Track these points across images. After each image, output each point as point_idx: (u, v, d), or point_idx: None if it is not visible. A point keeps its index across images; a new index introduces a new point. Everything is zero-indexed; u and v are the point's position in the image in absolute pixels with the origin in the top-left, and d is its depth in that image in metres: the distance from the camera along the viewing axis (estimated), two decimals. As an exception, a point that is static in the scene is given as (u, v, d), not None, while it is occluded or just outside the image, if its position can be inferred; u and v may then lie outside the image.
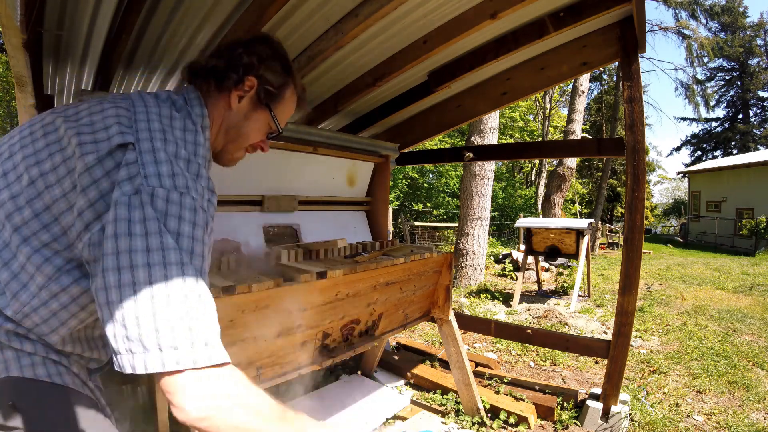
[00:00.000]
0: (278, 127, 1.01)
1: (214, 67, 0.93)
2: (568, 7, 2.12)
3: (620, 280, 2.30)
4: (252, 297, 1.38)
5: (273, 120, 0.99)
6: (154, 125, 0.77)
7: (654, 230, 31.78)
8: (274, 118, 0.99)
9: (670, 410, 2.69)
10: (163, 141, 0.75)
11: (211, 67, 0.93)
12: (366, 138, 2.79)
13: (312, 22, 1.95)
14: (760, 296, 6.49)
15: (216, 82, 0.93)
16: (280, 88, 0.98)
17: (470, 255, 6.74)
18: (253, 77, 0.93)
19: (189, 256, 0.69)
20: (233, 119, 0.96)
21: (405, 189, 14.36)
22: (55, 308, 0.77)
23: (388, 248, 2.20)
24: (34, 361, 0.78)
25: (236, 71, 0.92)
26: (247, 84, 0.93)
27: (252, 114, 0.97)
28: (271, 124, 1.00)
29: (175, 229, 0.68)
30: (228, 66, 0.92)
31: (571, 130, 10.43)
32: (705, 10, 21.32)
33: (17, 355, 0.76)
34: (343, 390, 2.72)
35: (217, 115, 0.94)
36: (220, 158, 1.01)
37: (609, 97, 22.63)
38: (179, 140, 0.78)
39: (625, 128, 2.24)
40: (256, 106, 0.97)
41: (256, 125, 0.99)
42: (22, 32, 1.15)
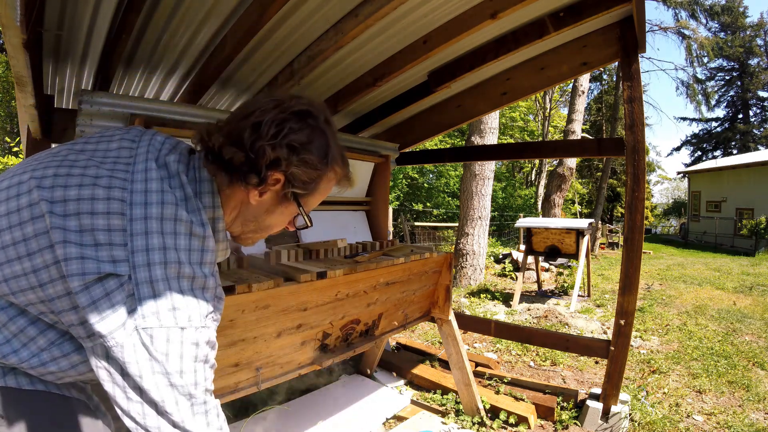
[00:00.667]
0: (308, 221, 0.85)
1: (230, 160, 0.75)
2: (568, 7, 2.12)
3: (620, 280, 2.30)
4: (252, 297, 1.38)
5: (303, 214, 0.84)
6: (153, 241, 0.68)
7: (654, 230, 31.77)
8: (304, 213, 0.84)
9: (670, 410, 2.69)
10: (162, 265, 0.68)
11: (227, 159, 0.75)
12: (366, 138, 2.79)
13: (312, 22, 1.95)
14: (760, 296, 6.49)
15: (230, 178, 0.77)
16: (314, 183, 0.81)
17: (470, 255, 6.74)
18: (281, 174, 0.76)
19: (194, 389, 0.67)
20: (252, 213, 0.83)
21: (405, 189, 14.35)
22: (53, 370, 0.75)
23: (388, 248, 2.20)
24: (16, 372, 0.76)
25: (257, 171, 0.75)
26: (271, 180, 0.77)
27: (276, 208, 0.83)
28: (302, 217, 0.85)
29: (178, 369, 0.66)
30: (247, 161, 0.74)
31: (571, 130, 10.43)
32: (705, 10, 21.33)
33: (1, 369, 0.74)
34: (343, 390, 2.72)
35: (233, 206, 0.82)
36: (238, 240, 0.92)
37: (609, 97, 22.63)
38: (182, 252, 0.70)
39: (625, 128, 2.24)
40: (282, 201, 0.82)
41: (280, 218, 0.85)
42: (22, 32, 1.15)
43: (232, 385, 1.48)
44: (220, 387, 1.44)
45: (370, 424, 2.35)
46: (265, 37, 2.02)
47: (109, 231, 0.68)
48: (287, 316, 1.55)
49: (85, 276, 0.65)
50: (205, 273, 0.73)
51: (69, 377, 0.79)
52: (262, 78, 2.43)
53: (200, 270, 0.72)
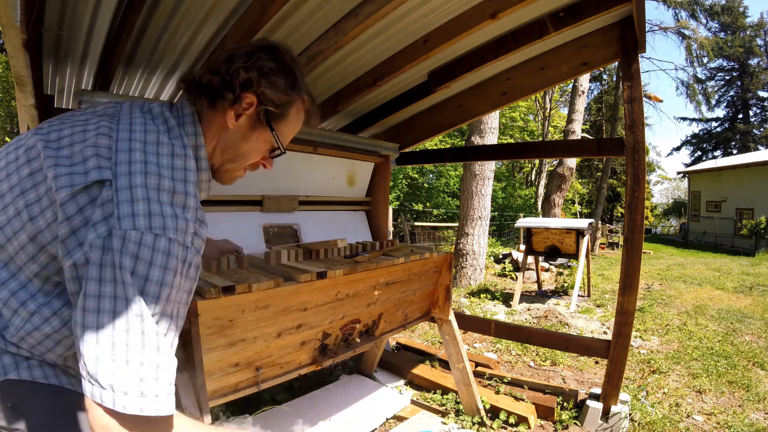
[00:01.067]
0: (281, 146, 0.93)
1: (208, 83, 0.84)
2: (568, 7, 2.12)
3: (620, 280, 2.30)
4: (252, 297, 1.38)
5: (275, 140, 0.91)
6: (136, 156, 0.72)
7: (654, 230, 31.78)
8: (277, 138, 0.91)
9: (670, 410, 2.69)
10: (143, 174, 0.71)
11: (206, 83, 0.85)
12: (366, 138, 2.79)
13: (312, 22, 1.96)
14: (760, 296, 6.50)
15: (209, 100, 0.85)
16: (283, 106, 0.89)
17: (470, 255, 6.74)
18: (253, 95, 0.85)
19: (154, 305, 0.67)
20: (230, 138, 0.89)
21: (405, 189, 14.35)
22: (47, 331, 0.77)
23: (388, 248, 2.20)
24: (31, 364, 0.79)
25: (232, 89, 0.84)
26: (245, 102, 0.85)
27: (251, 133, 0.89)
28: (274, 144, 0.93)
29: (144, 275, 0.67)
30: (223, 83, 0.84)
31: (571, 130, 10.43)
32: (705, 10, 21.33)
33: (14, 360, 0.78)
34: (343, 390, 2.72)
35: (213, 133, 0.88)
36: (218, 176, 0.96)
37: (609, 97, 22.63)
38: (164, 168, 0.74)
39: (625, 128, 2.24)
40: (256, 125, 0.89)
41: (256, 145, 0.91)
42: (22, 32, 1.15)
43: (232, 385, 1.48)
44: (220, 387, 1.44)
45: (370, 424, 2.35)
46: (265, 37, 2.02)
47: (97, 148, 0.73)
48: (287, 316, 1.55)
49: (72, 186, 0.69)
50: (187, 190, 0.75)
51: (63, 347, 0.80)
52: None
53: (182, 186, 0.75)
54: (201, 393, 1.26)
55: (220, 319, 1.33)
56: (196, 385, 1.26)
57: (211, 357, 1.34)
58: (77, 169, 0.71)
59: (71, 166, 0.71)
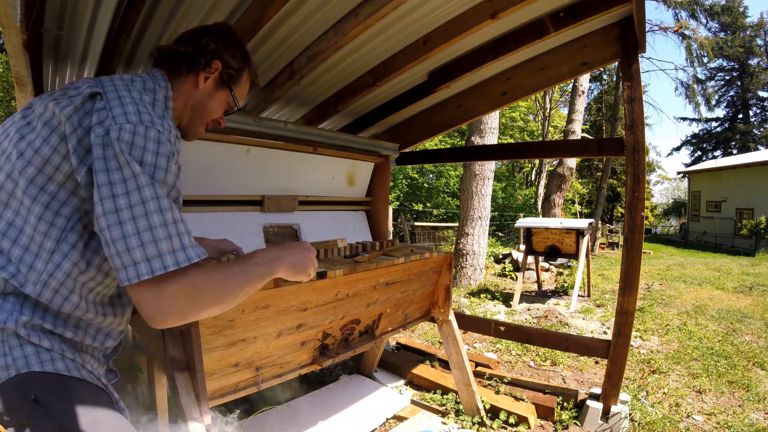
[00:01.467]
0: (237, 104, 1.15)
1: (185, 52, 1.04)
2: (568, 7, 2.12)
3: (620, 280, 2.30)
4: (252, 297, 1.38)
5: (233, 98, 1.13)
6: (117, 82, 0.89)
7: (654, 230, 31.77)
8: (234, 97, 1.13)
9: (670, 410, 2.69)
10: (126, 89, 0.87)
11: (182, 52, 1.04)
12: (366, 138, 2.79)
13: (312, 22, 1.95)
14: (760, 296, 6.49)
15: (186, 66, 1.04)
16: (239, 72, 1.12)
17: (470, 255, 6.74)
18: (219, 61, 1.06)
19: (153, 180, 0.80)
20: (199, 97, 1.07)
21: (405, 189, 14.35)
22: (67, 269, 0.85)
23: (388, 248, 2.20)
24: (53, 356, 0.83)
25: (204, 56, 1.04)
26: (213, 67, 1.06)
27: (215, 93, 1.09)
28: (230, 102, 1.14)
29: (139, 158, 0.79)
30: (196, 51, 1.04)
31: (571, 130, 10.43)
32: (705, 10, 21.32)
33: (36, 351, 0.81)
34: (343, 390, 2.72)
35: (184, 93, 1.05)
36: (185, 133, 1.11)
37: (609, 97, 22.63)
38: (141, 92, 0.90)
39: (625, 128, 2.24)
40: (219, 87, 1.09)
41: (218, 103, 1.11)
42: (22, 32, 1.15)
43: (232, 385, 1.48)
44: (220, 387, 1.44)
45: (370, 424, 2.35)
46: (265, 37, 2.02)
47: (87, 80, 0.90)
48: (287, 316, 1.55)
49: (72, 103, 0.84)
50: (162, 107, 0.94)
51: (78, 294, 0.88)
52: (262, 78, 2.43)
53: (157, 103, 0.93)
54: (201, 393, 1.26)
55: (220, 319, 1.33)
56: (196, 385, 1.26)
57: (211, 357, 1.34)
58: (72, 93, 0.86)
59: (69, 97, 0.85)
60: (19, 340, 0.80)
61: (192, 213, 1.95)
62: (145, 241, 0.76)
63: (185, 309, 0.81)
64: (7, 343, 0.79)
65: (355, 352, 1.94)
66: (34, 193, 0.82)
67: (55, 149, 0.82)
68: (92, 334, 0.95)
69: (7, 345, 0.79)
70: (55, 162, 0.83)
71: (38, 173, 0.82)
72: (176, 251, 0.78)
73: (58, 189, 0.83)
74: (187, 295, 0.80)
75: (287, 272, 1.00)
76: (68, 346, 0.88)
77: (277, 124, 2.11)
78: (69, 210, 0.84)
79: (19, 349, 0.79)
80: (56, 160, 0.83)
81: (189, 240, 0.82)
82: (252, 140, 2.08)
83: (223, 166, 2.05)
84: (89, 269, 0.89)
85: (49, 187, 0.83)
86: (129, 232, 0.76)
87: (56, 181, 0.83)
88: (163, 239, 0.77)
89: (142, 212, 0.77)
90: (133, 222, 0.76)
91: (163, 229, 0.78)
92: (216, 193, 2.04)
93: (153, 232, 0.77)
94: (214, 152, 1.99)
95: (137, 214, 0.76)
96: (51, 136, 0.83)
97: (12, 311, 0.81)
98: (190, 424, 1.22)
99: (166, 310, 0.79)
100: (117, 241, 0.76)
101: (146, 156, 0.80)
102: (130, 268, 0.76)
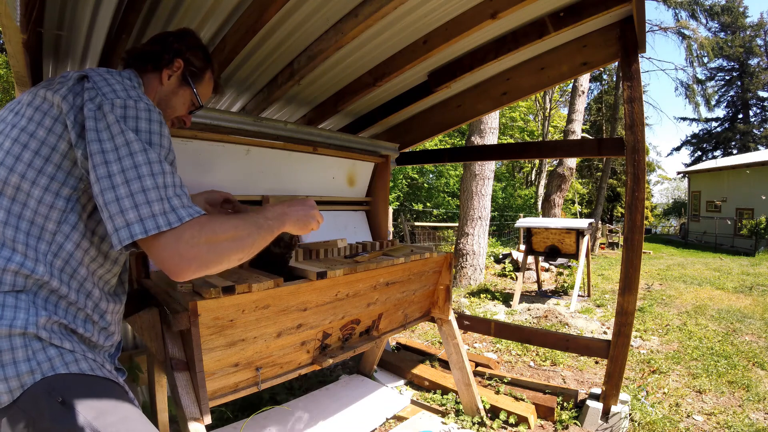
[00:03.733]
0: (199, 102, 1.20)
1: (152, 50, 1.11)
2: (568, 7, 2.12)
3: (620, 280, 2.30)
4: (252, 297, 1.38)
5: (195, 96, 1.18)
6: (101, 70, 0.94)
7: (654, 230, 31.77)
8: (196, 95, 1.18)
9: (670, 410, 2.69)
10: (110, 74, 0.93)
11: (148, 51, 1.11)
12: (366, 138, 2.79)
13: (312, 22, 1.95)
14: (760, 296, 6.49)
15: (152, 64, 1.11)
16: (201, 71, 1.18)
17: (470, 255, 6.74)
18: (181, 60, 1.13)
19: (149, 144, 0.84)
20: (163, 93, 1.14)
21: (405, 189, 14.35)
22: (70, 249, 0.88)
23: (388, 248, 2.20)
24: (77, 357, 0.84)
25: (168, 54, 1.11)
26: (176, 65, 1.12)
27: (179, 90, 1.15)
28: (194, 100, 1.19)
29: (134, 127, 0.83)
30: (162, 50, 1.11)
31: (571, 130, 10.43)
32: (705, 10, 21.29)
33: (60, 352, 0.82)
34: (343, 390, 2.72)
35: (152, 90, 1.11)
36: None
37: (609, 97, 22.62)
38: (123, 77, 0.95)
39: (625, 128, 2.24)
40: (182, 84, 1.15)
41: (181, 100, 1.17)
42: (22, 32, 1.15)
43: (232, 385, 1.48)
44: (220, 387, 1.44)
45: (370, 424, 2.35)
46: (265, 37, 2.02)
47: (74, 70, 0.96)
48: (287, 316, 1.55)
49: (65, 85, 0.89)
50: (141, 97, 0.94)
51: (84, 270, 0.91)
52: (262, 78, 2.43)
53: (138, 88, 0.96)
54: (201, 393, 1.26)
55: (220, 319, 1.33)
56: (196, 385, 1.26)
57: (211, 357, 1.34)
58: (61, 79, 0.91)
59: (58, 83, 0.90)
60: (42, 342, 0.80)
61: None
62: (139, 203, 0.78)
63: (205, 254, 0.82)
64: (30, 347, 0.78)
65: (355, 352, 1.94)
66: (33, 177, 0.85)
67: (50, 130, 0.86)
68: (97, 332, 0.96)
69: (30, 349, 0.78)
70: (51, 142, 0.86)
71: (35, 156, 0.85)
72: (167, 212, 0.80)
73: (56, 170, 0.86)
74: (207, 240, 0.82)
75: (293, 227, 1.04)
76: (87, 346, 0.90)
77: (277, 124, 2.11)
78: (68, 190, 0.87)
79: (43, 352, 0.79)
80: (52, 140, 0.86)
81: (185, 201, 0.84)
82: (252, 140, 2.08)
83: (223, 166, 2.05)
84: (91, 249, 0.93)
85: (47, 168, 0.85)
86: (122, 195, 0.78)
87: (53, 162, 0.86)
88: (155, 201, 0.79)
89: (135, 176, 0.79)
90: (126, 185, 0.79)
91: (155, 192, 0.80)
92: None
93: (146, 194, 0.79)
94: (214, 152, 1.99)
95: (130, 178, 0.79)
96: (44, 118, 0.87)
97: (29, 312, 0.80)
98: (190, 424, 1.22)
99: (188, 256, 0.80)
100: (110, 204, 0.78)
101: (140, 124, 0.84)
102: (122, 230, 0.78)
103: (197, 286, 1.31)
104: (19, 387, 0.75)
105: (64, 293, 0.86)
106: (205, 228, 0.83)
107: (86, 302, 0.92)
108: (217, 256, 0.84)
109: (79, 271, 0.91)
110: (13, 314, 0.78)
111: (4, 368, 0.75)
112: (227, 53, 1.91)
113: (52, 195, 0.86)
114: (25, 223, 0.84)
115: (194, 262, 0.81)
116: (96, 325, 0.95)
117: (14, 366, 0.76)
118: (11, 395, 0.75)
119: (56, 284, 0.85)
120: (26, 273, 0.82)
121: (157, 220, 0.78)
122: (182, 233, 0.80)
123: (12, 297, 0.80)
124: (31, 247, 0.84)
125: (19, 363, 0.76)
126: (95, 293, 0.95)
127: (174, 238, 0.79)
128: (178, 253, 0.80)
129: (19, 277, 0.81)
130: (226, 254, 0.85)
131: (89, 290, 0.93)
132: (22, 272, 0.81)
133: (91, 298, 0.93)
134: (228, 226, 0.87)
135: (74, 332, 0.88)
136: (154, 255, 0.80)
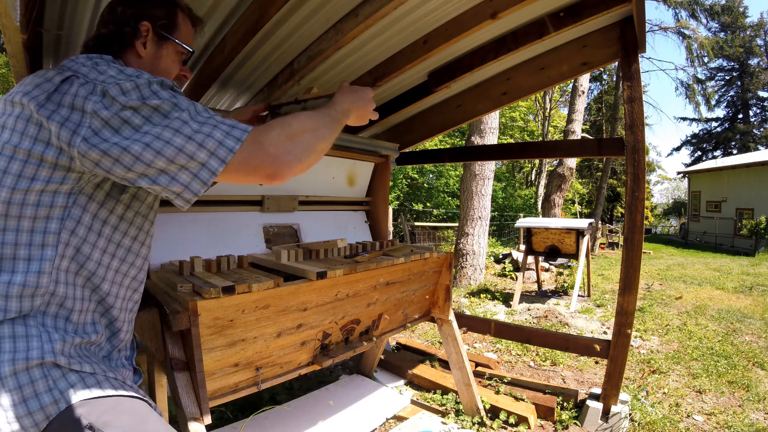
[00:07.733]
0: (186, 48, 1.09)
1: (108, 33, 0.99)
2: (568, 7, 2.12)
3: (620, 280, 2.30)
4: (252, 297, 1.38)
5: (180, 45, 1.07)
6: (82, 59, 0.86)
7: (654, 230, 31.77)
8: (180, 43, 1.07)
9: (670, 410, 2.69)
10: (96, 61, 0.86)
11: (105, 35, 0.99)
12: (366, 138, 2.79)
13: (312, 22, 1.95)
14: (760, 296, 6.49)
15: (117, 45, 0.99)
16: (171, 17, 1.06)
17: (470, 255, 6.74)
18: (146, 21, 1.00)
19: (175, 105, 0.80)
20: (147, 64, 1.03)
21: (405, 189, 14.35)
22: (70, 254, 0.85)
23: (388, 248, 2.20)
24: (98, 379, 0.81)
25: (128, 25, 0.99)
26: (143, 30, 1.00)
27: (161, 51, 1.05)
28: (181, 50, 1.09)
29: (152, 93, 0.79)
30: (117, 26, 0.99)
31: (571, 130, 10.43)
32: (705, 10, 21.29)
33: (81, 377, 0.79)
34: (343, 390, 2.72)
35: (135, 66, 1.01)
36: None
37: (609, 97, 22.62)
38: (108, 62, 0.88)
39: (625, 128, 2.24)
40: (161, 43, 1.04)
41: (169, 60, 1.07)
42: (22, 32, 1.15)
43: (232, 385, 1.48)
44: (220, 387, 1.44)
45: (370, 424, 2.35)
46: (265, 37, 2.02)
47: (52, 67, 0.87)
48: (287, 316, 1.55)
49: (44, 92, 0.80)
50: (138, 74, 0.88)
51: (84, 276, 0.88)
52: (262, 78, 2.43)
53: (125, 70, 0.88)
54: (201, 393, 1.26)
55: (220, 319, 1.33)
56: (196, 385, 1.26)
57: (211, 357, 1.34)
58: (40, 81, 0.82)
59: (38, 86, 0.81)
60: (61, 370, 0.77)
61: (192, 213, 1.95)
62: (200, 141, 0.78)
63: (292, 148, 0.86)
64: (50, 377, 0.76)
65: (355, 352, 1.94)
66: (25, 186, 0.80)
67: (36, 138, 0.80)
68: (103, 328, 0.93)
69: (51, 378, 0.75)
70: (38, 151, 0.80)
71: (24, 165, 0.80)
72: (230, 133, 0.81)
73: (50, 175, 0.81)
74: (288, 136, 0.86)
75: (354, 121, 1.18)
76: (106, 365, 0.87)
77: (277, 124, 2.10)
78: (62, 198, 0.83)
79: (64, 379, 0.77)
80: (39, 148, 0.80)
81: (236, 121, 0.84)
82: (252, 140, 2.08)
83: (223, 166, 2.04)
84: (100, 240, 0.90)
85: (40, 173, 0.81)
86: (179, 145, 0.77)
87: (45, 167, 0.81)
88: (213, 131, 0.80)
89: (179, 125, 0.78)
90: (178, 134, 0.78)
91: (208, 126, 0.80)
92: (216, 193, 2.04)
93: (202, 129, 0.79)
94: (214, 152, 1.98)
95: (176, 126, 0.78)
96: (27, 127, 0.81)
97: (41, 339, 0.77)
98: (190, 424, 1.22)
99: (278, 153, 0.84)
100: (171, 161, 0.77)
101: (156, 89, 0.81)
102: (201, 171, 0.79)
103: (197, 286, 1.31)
104: (44, 419, 0.73)
105: (70, 295, 0.84)
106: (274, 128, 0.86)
107: (91, 297, 0.89)
108: (304, 148, 0.88)
109: (87, 265, 0.87)
110: (26, 345, 0.75)
111: (27, 402, 0.73)
112: (227, 53, 1.91)
113: (48, 198, 0.82)
114: (24, 234, 0.80)
115: (286, 156, 0.85)
116: (104, 317, 0.93)
117: (36, 399, 0.73)
118: (37, 428, 0.73)
119: (62, 291, 0.82)
120: (30, 292, 0.79)
121: (225, 143, 0.79)
122: (257, 137, 0.82)
123: (21, 326, 0.77)
124: (35, 259, 0.80)
125: (41, 395, 0.74)
126: (104, 287, 0.92)
127: (254, 145, 0.82)
128: (266, 154, 0.83)
129: (24, 300, 0.78)
130: (311, 145, 0.91)
131: (97, 284, 0.90)
132: (27, 292, 0.78)
133: (98, 292, 0.91)
134: (303, 119, 0.92)
135: (89, 345, 0.86)
136: (245, 172, 0.82)
